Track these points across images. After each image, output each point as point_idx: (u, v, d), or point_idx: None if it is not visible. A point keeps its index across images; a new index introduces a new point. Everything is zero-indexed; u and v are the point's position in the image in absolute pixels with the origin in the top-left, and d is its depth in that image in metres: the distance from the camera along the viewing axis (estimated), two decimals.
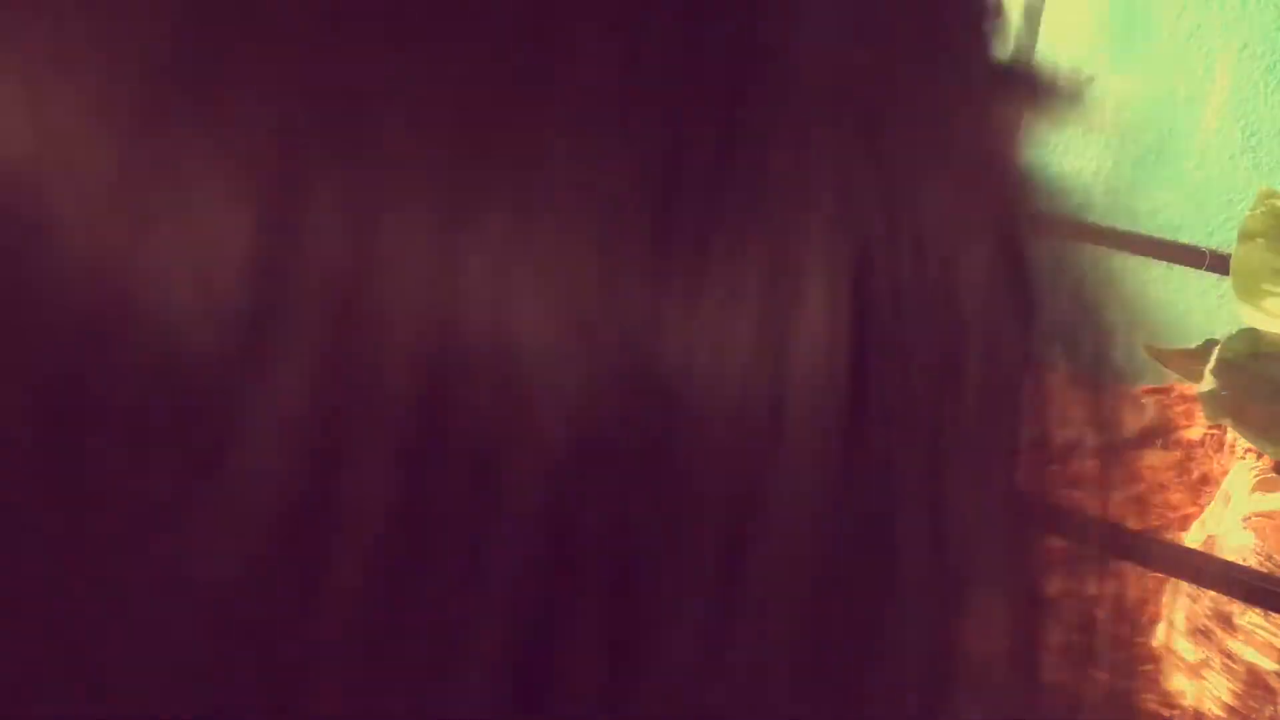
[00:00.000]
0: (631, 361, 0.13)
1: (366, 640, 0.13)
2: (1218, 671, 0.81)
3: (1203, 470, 1.08)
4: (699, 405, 0.13)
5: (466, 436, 0.13)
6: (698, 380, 0.14)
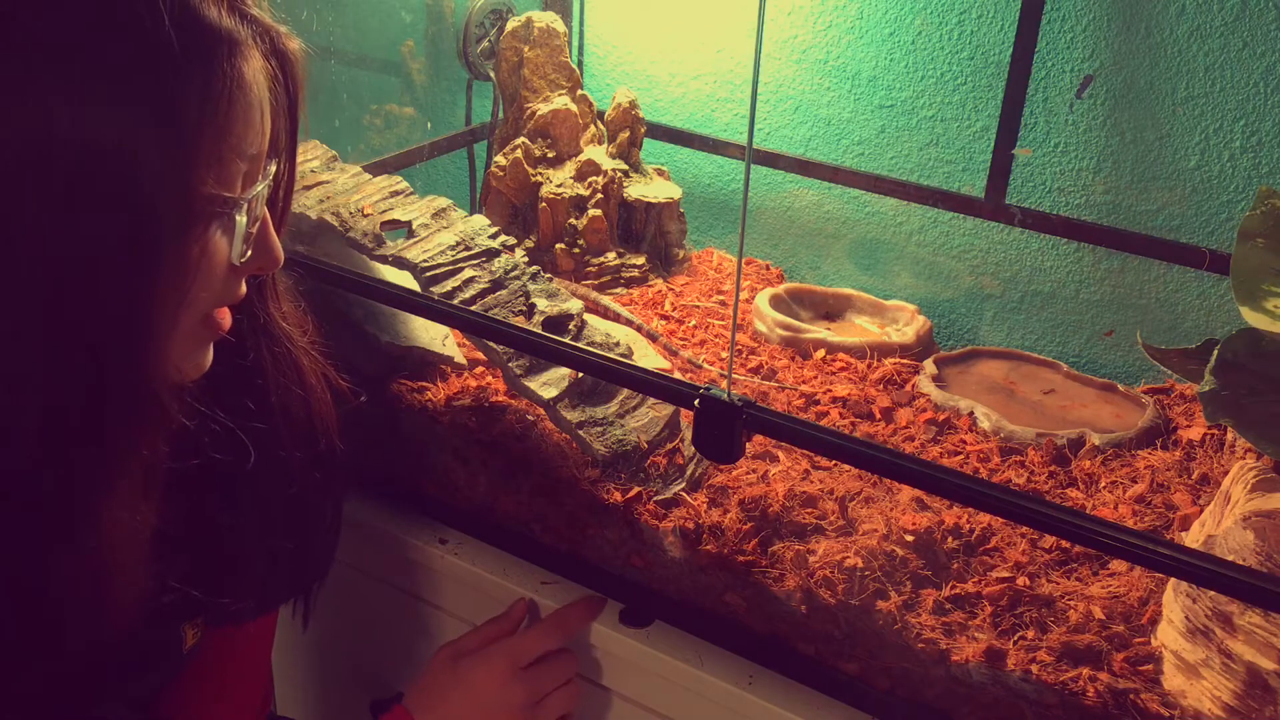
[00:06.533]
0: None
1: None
2: (1218, 671, 0.81)
3: (1203, 470, 1.08)
4: None
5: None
6: None
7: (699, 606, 1.00)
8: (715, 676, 0.98)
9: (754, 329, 1.34)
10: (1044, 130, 1.30)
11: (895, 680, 0.92)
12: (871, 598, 0.91)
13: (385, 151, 1.40)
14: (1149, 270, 1.30)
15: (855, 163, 1.44)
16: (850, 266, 1.50)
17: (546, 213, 1.41)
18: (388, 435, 1.14)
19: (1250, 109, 1.19)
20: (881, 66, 1.39)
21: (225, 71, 0.65)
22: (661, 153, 1.56)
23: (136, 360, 0.66)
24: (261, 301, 0.85)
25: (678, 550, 0.98)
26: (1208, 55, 1.20)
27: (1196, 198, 1.25)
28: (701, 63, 1.52)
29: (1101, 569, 0.95)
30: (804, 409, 1.18)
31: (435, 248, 1.08)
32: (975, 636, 0.89)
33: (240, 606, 0.91)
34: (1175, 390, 1.24)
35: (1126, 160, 1.27)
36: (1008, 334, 1.42)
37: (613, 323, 1.31)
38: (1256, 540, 0.84)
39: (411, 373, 1.14)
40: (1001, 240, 1.38)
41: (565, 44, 1.45)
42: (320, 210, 1.10)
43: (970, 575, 0.94)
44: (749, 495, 0.99)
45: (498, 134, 1.49)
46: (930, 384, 1.22)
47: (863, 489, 1.03)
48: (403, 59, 1.44)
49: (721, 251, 1.53)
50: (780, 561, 0.95)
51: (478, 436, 1.08)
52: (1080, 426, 1.15)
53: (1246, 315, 0.96)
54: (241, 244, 0.70)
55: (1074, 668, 0.85)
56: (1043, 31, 1.25)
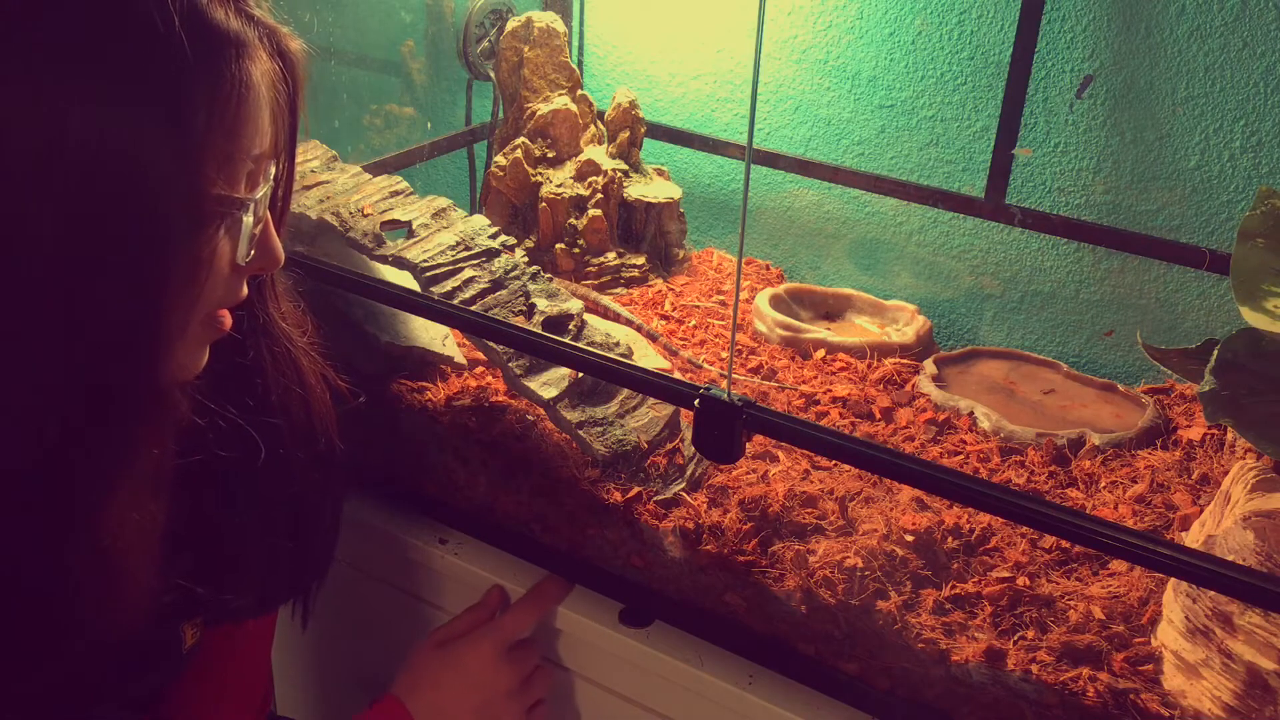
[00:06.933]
0: None
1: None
2: (1218, 671, 0.81)
3: (1203, 470, 1.08)
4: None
5: None
6: None
7: (699, 606, 1.00)
8: (715, 676, 0.98)
9: (754, 329, 1.34)
10: (1044, 130, 1.30)
11: (895, 680, 0.92)
12: (871, 598, 0.91)
13: (385, 151, 1.40)
14: (1149, 270, 1.30)
15: (855, 163, 1.44)
16: (850, 266, 1.50)
17: (546, 213, 1.41)
18: (388, 435, 1.14)
19: (1250, 109, 1.19)
20: (881, 66, 1.39)
21: (234, 73, 0.65)
22: (661, 153, 1.56)
23: (146, 361, 0.67)
24: (261, 301, 0.85)
25: (678, 550, 0.98)
26: (1208, 55, 1.20)
27: (1196, 198, 1.25)
28: (701, 63, 1.52)
29: (1101, 569, 0.95)
30: (804, 409, 1.18)
31: (435, 248, 1.08)
32: (975, 636, 0.89)
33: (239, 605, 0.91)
34: (1175, 390, 1.24)
35: (1126, 160, 1.27)
36: (1008, 334, 1.42)
37: (613, 323, 1.31)
38: (1256, 540, 0.84)
39: (411, 373, 1.14)
40: (1001, 240, 1.38)
41: (565, 44, 1.45)
42: (320, 210, 1.10)
43: (970, 575, 0.94)
44: (749, 495, 0.99)
45: (498, 134, 1.49)
46: (930, 384, 1.22)
47: (863, 489, 1.03)
48: (403, 59, 1.44)
49: (721, 251, 1.53)
50: (780, 561, 0.95)
51: (478, 436, 1.08)
52: (1080, 426, 1.15)
53: (1246, 315, 0.96)
54: (247, 245, 0.71)
55: (1074, 668, 0.85)
56: (1043, 31, 1.25)
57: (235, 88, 0.66)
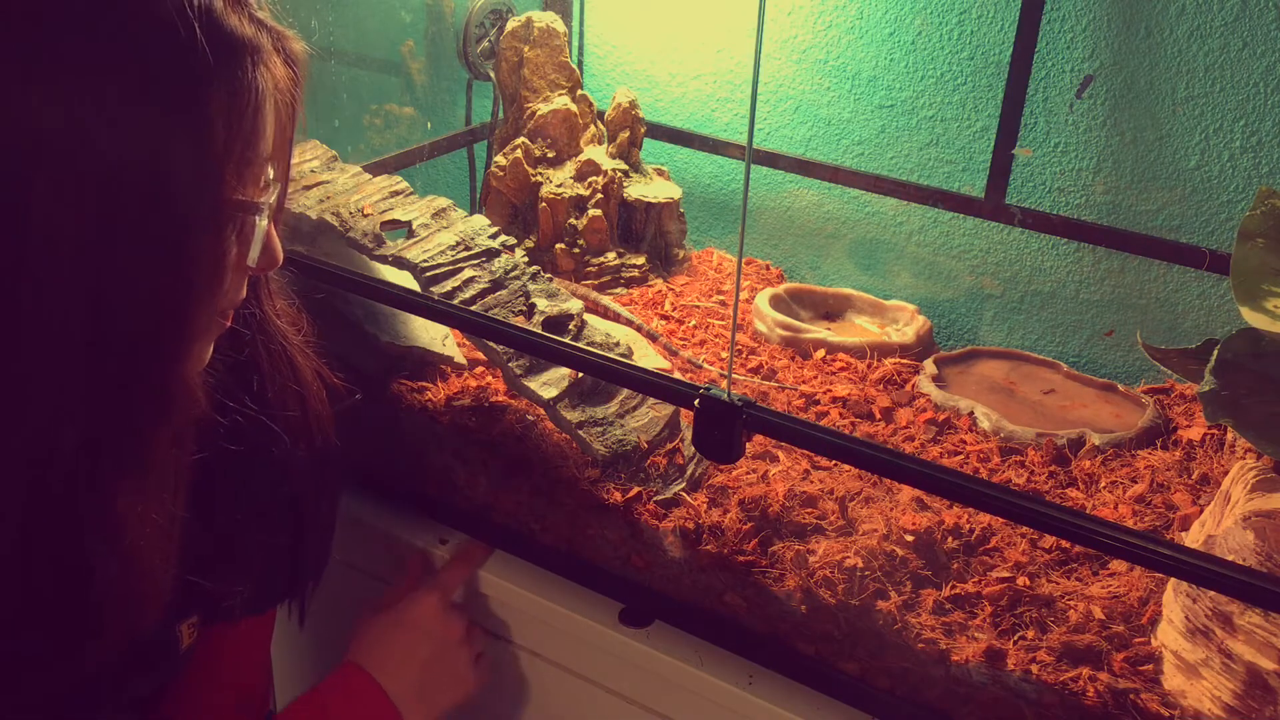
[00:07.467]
0: None
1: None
2: (1218, 671, 0.81)
3: (1203, 470, 1.08)
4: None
5: None
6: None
7: (699, 606, 1.00)
8: (715, 676, 0.98)
9: (754, 329, 1.34)
10: (1044, 130, 1.30)
11: (895, 680, 0.92)
12: (871, 598, 0.91)
13: (385, 151, 1.40)
14: (1149, 270, 1.30)
15: (855, 163, 1.44)
16: (850, 266, 1.50)
17: (546, 213, 1.41)
18: (388, 435, 1.14)
19: (1250, 109, 1.19)
20: (881, 66, 1.39)
21: (251, 79, 0.66)
22: (661, 153, 1.56)
23: (172, 360, 0.68)
24: (256, 299, 0.85)
25: (678, 550, 0.98)
26: (1208, 55, 1.20)
27: (1196, 198, 1.25)
28: (701, 63, 1.52)
29: (1101, 569, 0.95)
30: (804, 409, 1.18)
31: (435, 248, 1.08)
32: (975, 636, 0.89)
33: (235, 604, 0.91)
34: (1175, 390, 1.24)
35: (1126, 160, 1.27)
36: (1008, 334, 1.42)
37: (613, 323, 1.31)
38: (1256, 540, 0.84)
39: (411, 373, 1.14)
40: (1001, 240, 1.38)
41: (565, 44, 1.45)
42: (320, 210, 1.10)
43: (970, 575, 0.94)
44: (749, 495, 0.99)
45: (498, 134, 1.49)
46: (930, 384, 1.22)
47: (863, 489, 1.03)
48: (403, 59, 1.44)
49: (721, 251, 1.53)
50: (780, 561, 0.95)
51: (478, 436, 1.08)
52: (1080, 426, 1.15)
53: (1246, 315, 0.96)
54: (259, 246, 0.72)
55: (1074, 668, 0.85)
56: (1043, 31, 1.25)
57: (252, 94, 0.67)
